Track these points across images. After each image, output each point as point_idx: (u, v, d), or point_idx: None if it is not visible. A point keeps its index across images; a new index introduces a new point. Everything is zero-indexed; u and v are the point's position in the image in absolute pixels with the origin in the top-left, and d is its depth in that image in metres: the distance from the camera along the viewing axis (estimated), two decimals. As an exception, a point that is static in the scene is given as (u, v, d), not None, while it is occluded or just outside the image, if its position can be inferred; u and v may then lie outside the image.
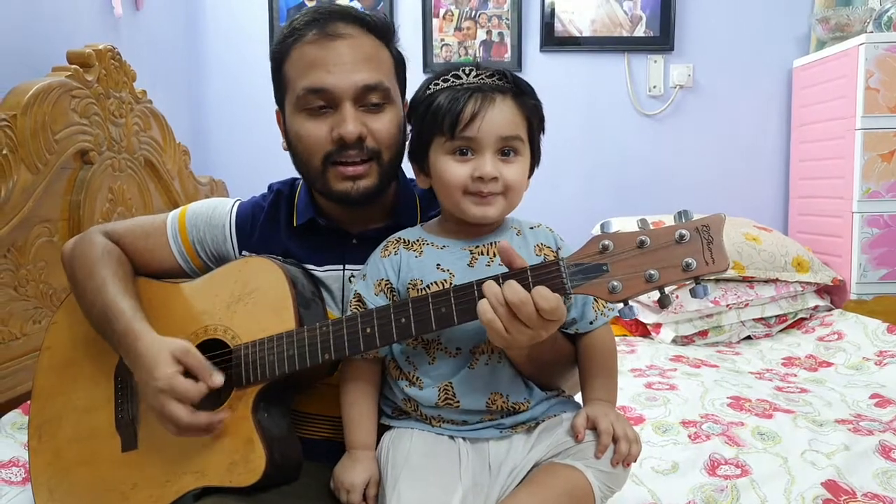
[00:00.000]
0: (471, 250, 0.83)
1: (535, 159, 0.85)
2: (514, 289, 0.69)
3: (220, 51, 2.54)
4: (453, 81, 0.81)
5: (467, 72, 0.81)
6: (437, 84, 0.82)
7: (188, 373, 0.81)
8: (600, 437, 0.78)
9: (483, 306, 0.70)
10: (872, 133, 2.08)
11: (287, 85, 0.90)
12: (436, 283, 0.80)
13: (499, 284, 0.71)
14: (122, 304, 0.88)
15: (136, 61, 1.74)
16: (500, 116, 0.79)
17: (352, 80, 0.86)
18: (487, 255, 0.82)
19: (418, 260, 0.83)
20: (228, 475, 0.81)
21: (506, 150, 0.80)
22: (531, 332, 0.70)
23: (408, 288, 0.82)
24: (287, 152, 0.95)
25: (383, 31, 0.92)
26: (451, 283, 0.80)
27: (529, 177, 0.85)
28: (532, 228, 0.87)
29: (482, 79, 0.81)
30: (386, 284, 0.84)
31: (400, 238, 0.87)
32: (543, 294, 0.69)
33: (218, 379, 0.81)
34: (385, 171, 0.90)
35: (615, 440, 0.78)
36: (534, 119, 0.83)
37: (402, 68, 0.96)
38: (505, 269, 0.74)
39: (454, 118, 0.78)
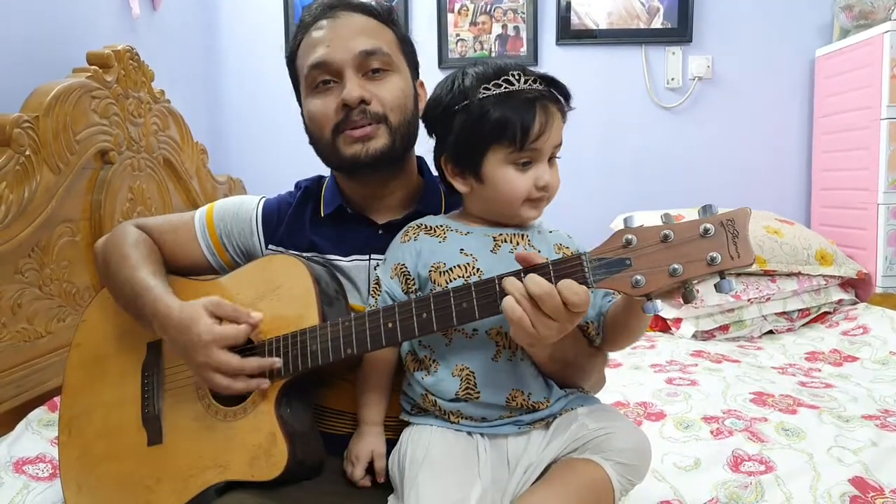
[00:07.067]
0: (494, 237, 0.84)
1: None
2: (536, 281, 0.69)
3: (236, 49, 2.55)
4: (506, 87, 0.80)
5: (517, 77, 0.81)
6: (489, 89, 0.81)
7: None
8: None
9: (508, 303, 0.70)
10: (898, 123, 2.03)
11: (299, 74, 0.94)
12: (458, 266, 0.82)
13: (520, 280, 0.70)
14: (152, 281, 0.91)
15: (154, 61, 1.75)
16: (557, 128, 0.82)
17: (349, 48, 0.89)
18: (510, 242, 0.83)
19: (442, 245, 0.84)
20: (250, 469, 0.82)
21: (551, 157, 0.83)
22: (558, 325, 0.70)
23: (430, 271, 0.83)
24: (310, 146, 0.97)
25: (383, 14, 0.95)
26: (474, 267, 0.81)
27: None
28: (551, 232, 0.89)
29: (531, 84, 0.81)
30: (401, 269, 0.85)
31: (422, 224, 0.88)
32: (571, 286, 0.68)
33: (256, 315, 0.84)
34: (396, 134, 0.91)
35: None
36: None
37: (409, 46, 0.98)
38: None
39: (525, 131, 0.79)
